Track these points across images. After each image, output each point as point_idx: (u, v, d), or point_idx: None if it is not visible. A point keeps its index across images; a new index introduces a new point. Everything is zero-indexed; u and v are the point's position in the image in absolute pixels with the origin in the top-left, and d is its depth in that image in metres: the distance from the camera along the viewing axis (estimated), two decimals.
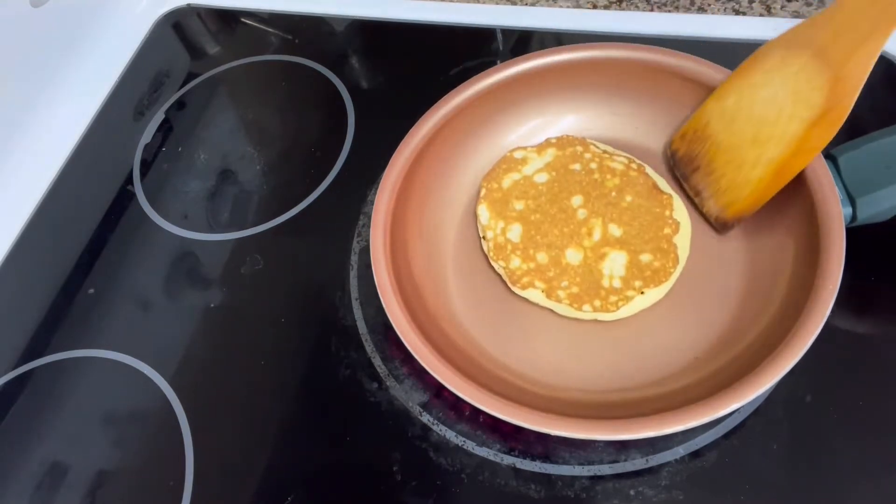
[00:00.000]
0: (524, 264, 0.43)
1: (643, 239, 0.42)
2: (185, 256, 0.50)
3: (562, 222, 0.44)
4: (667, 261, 0.41)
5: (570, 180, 0.45)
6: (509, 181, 0.46)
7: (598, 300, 0.41)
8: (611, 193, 0.44)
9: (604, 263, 0.42)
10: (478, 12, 0.59)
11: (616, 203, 0.44)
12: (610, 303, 0.41)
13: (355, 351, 0.43)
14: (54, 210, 0.54)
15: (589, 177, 0.45)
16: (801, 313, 0.35)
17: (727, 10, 0.56)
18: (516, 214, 0.45)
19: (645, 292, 0.41)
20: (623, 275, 0.41)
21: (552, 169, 0.46)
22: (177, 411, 0.42)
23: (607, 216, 0.43)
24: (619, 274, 0.42)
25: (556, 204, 0.45)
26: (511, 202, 0.45)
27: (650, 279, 0.41)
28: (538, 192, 0.45)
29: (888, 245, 0.43)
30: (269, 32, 0.62)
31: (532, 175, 0.46)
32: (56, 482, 0.41)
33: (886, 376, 0.39)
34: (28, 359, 0.46)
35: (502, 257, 0.43)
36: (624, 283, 0.41)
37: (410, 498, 0.38)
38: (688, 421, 0.33)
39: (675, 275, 0.41)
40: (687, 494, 0.36)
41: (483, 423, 0.40)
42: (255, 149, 0.55)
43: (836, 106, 0.36)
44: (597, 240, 0.43)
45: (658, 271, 0.41)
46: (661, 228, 0.43)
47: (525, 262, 0.43)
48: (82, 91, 0.60)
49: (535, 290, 0.42)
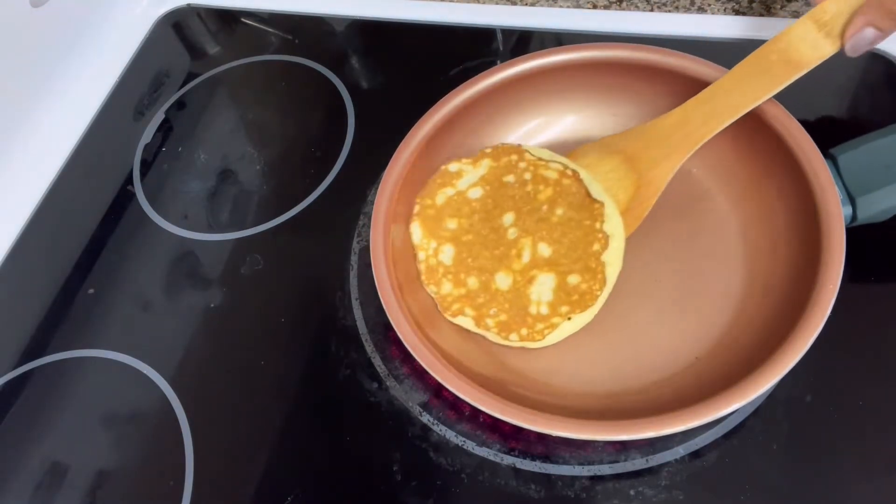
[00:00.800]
0: (455, 290, 0.42)
1: (572, 258, 0.42)
2: (185, 256, 0.50)
3: (493, 244, 0.43)
4: (594, 282, 0.41)
5: (503, 195, 0.44)
6: (443, 197, 0.45)
7: (524, 328, 0.40)
8: (542, 208, 0.43)
9: (532, 288, 0.41)
10: (478, 12, 0.59)
11: (546, 218, 0.43)
12: (536, 331, 0.40)
13: (355, 351, 0.43)
14: (54, 210, 0.54)
15: (522, 189, 0.44)
16: (801, 313, 0.35)
17: (727, 10, 0.56)
18: (449, 234, 0.44)
19: (572, 318, 0.40)
20: (550, 300, 0.41)
21: (486, 182, 0.45)
22: (177, 411, 0.42)
23: (537, 234, 0.43)
24: (546, 299, 0.41)
25: (488, 223, 0.44)
26: (444, 220, 0.44)
27: (577, 303, 0.40)
28: (471, 210, 0.44)
29: (888, 245, 0.43)
30: (269, 32, 0.62)
31: (466, 190, 0.45)
32: (56, 482, 0.41)
33: (886, 376, 0.39)
34: (28, 359, 0.46)
35: (434, 281, 0.43)
36: (551, 309, 0.41)
37: (410, 498, 0.38)
38: (688, 421, 0.33)
39: (603, 297, 0.41)
40: (687, 494, 0.36)
41: (483, 423, 0.40)
42: (255, 149, 0.55)
43: (639, 205, 0.43)
44: (526, 262, 0.42)
45: (585, 294, 0.41)
46: (590, 244, 0.42)
47: (456, 288, 0.42)
48: (82, 91, 0.60)
49: (465, 317, 0.41)
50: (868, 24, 0.38)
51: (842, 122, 0.48)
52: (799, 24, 0.40)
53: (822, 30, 0.40)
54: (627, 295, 0.42)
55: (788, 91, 0.41)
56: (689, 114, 0.43)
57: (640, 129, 0.45)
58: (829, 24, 0.39)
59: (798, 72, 0.40)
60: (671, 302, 0.42)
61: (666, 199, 0.43)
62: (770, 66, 0.41)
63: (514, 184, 0.45)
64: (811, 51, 0.40)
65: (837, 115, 0.48)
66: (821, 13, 0.40)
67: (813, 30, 0.40)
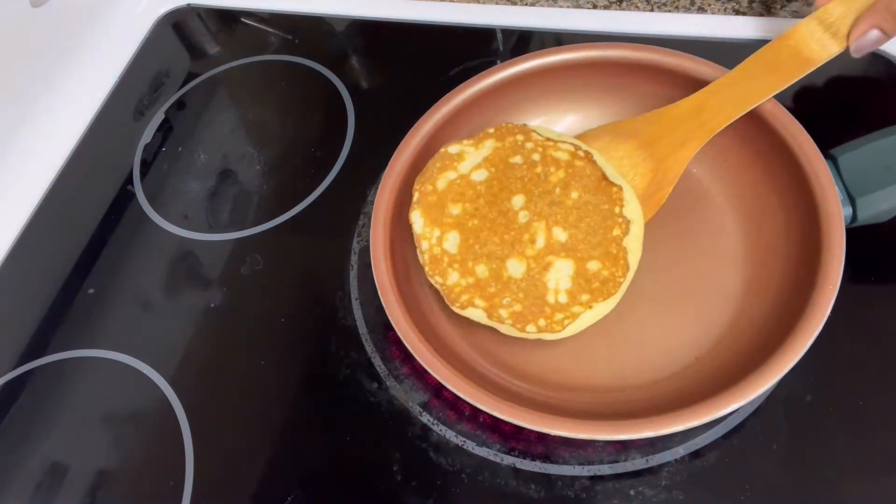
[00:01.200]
0: (463, 279, 0.39)
1: (591, 243, 0.39)
2: (185, 256, 0.50)
3: (502, 228, 0.40)
4: (616, 269, 0.39)
5: (510, 176, 0.41)
6: (444, 181, 0.42)
7: (542, 319, 0.38)
8: (555, 190, 0.41)
9: (548, 275, 0.39)
10: (478, 12, 0.59)
11: (561, 202, 0.40)
12: (555, 321, 0.38)
13: (355, 351, 0.43)
14: (54, 210, 0.54)
15: (531, 171, 0.41)
16: (801, 313, 0.35)
17: (727, 10, 0.56)
18: (453, 221, 0.41)
19: (593, 307, 0.38)
20: (569, 287, 0.39)
21: (491, 164, 0.42)
22: (177, 411, 0.42)
23: (551, 218, 0.40)
24: (564, 287, 0.39)
25: (495, 206, 0.41)
26: (447, 206, 0.41)
27: (598, 291, 0.38)
28: (476, 194, 0.41)
29: (888, 245, 0.43)
30: (269, 32, 0.62)
31: (469, 173, 0.42)
32: (56, 482, 0.41)
33: (886, 376, 0.39)
34: (28, 359, 0.46)
35: (439, 272, 0.40)
36: (570, 298, 0.38)
37: (410, 498, 0.38)
38: (688, 421, 0.33)
39: (625, 285, 0.39)
40: (687, 494, 0.36)
41: (483, 423, 0.40)
42: (255, 149, 0.55)
43: (656, 192, 0.43)
44: (540, 247, 0.39)
45: (607, 282, 0.38)
46: (609, 229, 0.39)
47: (464, 277, 0.39)
48: (82, 91, 0.60)
49: (475, 309, 0.39)
50: (873, 26, 0.39)
51: (842, 123, 0.48)
52: (805, 24, 0.42)
53: (828, 30, 0.41)
54: (627, 295, 0.42)
55: (789, 91, 0.41)
56: (704, 102, 0.43)
57: (654, 115, 0.44)
58: (834, 25, 0.41)
59: (808, 67, 0.41)
60: (671, 302, 0.42)
61: (666, 199, 0.43)
62: (781, 61, 0.42)
63: (521, 165, 0.42)
64: (819, 49, 0.41)
65: (837, 116, 0.48)
66: (825, 15, 0.41)
67: (819, 30, 0.41)
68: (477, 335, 0.42)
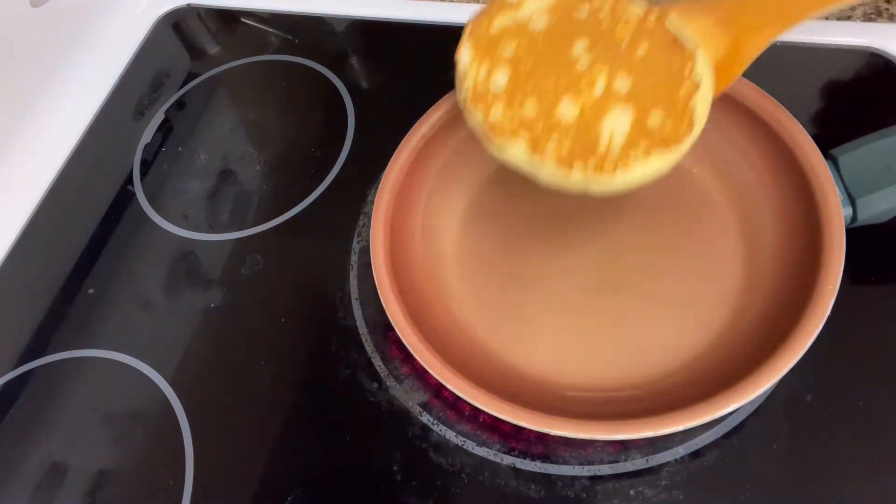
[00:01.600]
0: (508, 111, 0.35)
1: (655, 96, 0.35)
2: (185, 256, 0.50)
3: (558, 69, 0.36)
4: (681, 124, 0.34)
5: (574, 28, 0.37)
6: (500, 24, 0.38)
7: (592, 158, 0.34)
8: (621, 44, 0.36)
9: (604, 122, 0.34)
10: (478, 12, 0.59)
11: (627, 55, 0.36)
12: (607, 162, 0.34)
13: (355, 351, 0.43)
14: (54, 210, 0.54)
15: (597, 26, 0.37)
16: (800, 313, 0.35)
17: None
18: (505, 59, 0.37)
19: (651, 155, 0.34)
20: (627, 133, 0.34)
21: (553, 13, 0.37)
22: (177, 411, 0.42)
23: (615, 65, 0.35)
24: (621, 132, 0.34)
25: (554, 51, 0.36)
26: (501, 45, 0.37)
27: (658, 141, 0.34)
28: (533, 39, 0.37)
29: (888, 245, 0.43)
30: (269, 32, 0.62)
31: (528, 20, 0.37)
32: (56, 482, 0.41)
33: (886, 376, 0.39)
34: (28, 359, 0.46)
35: (482, 106, 0.36)
36: (627, 142, 0.34)
37: (410, 498, 0.38)
38: (688, 421, 0.33)
39: (689, 142, 0.34)
40: (687, 494, 0.36)
41: (483, 423, 0.40)
42: (255, 149, 0.55)
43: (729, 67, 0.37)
44: (599, 93, 0.35)
45: (669, 134, 0.34)
46: (677, 87, 0.35)
47: (509, 110, 0.35)
48: (82, 91, 0.60)
49: (518, 140, 0.35)
50: None
51: (842, 123, 0.48)
52: None
53: None
54: (627, 293, 0.42)
55: (789, 91, 0.41)
56: None
57: None
58: None
59: None
60: (670, 301, 0.42)
61: (666, 199, 0.43)
62: None
63: (586, 19, 0.37)
64: None
65: (837, 116, 0.48)
66: None
67: None
68: (478, 336, 0.42)
